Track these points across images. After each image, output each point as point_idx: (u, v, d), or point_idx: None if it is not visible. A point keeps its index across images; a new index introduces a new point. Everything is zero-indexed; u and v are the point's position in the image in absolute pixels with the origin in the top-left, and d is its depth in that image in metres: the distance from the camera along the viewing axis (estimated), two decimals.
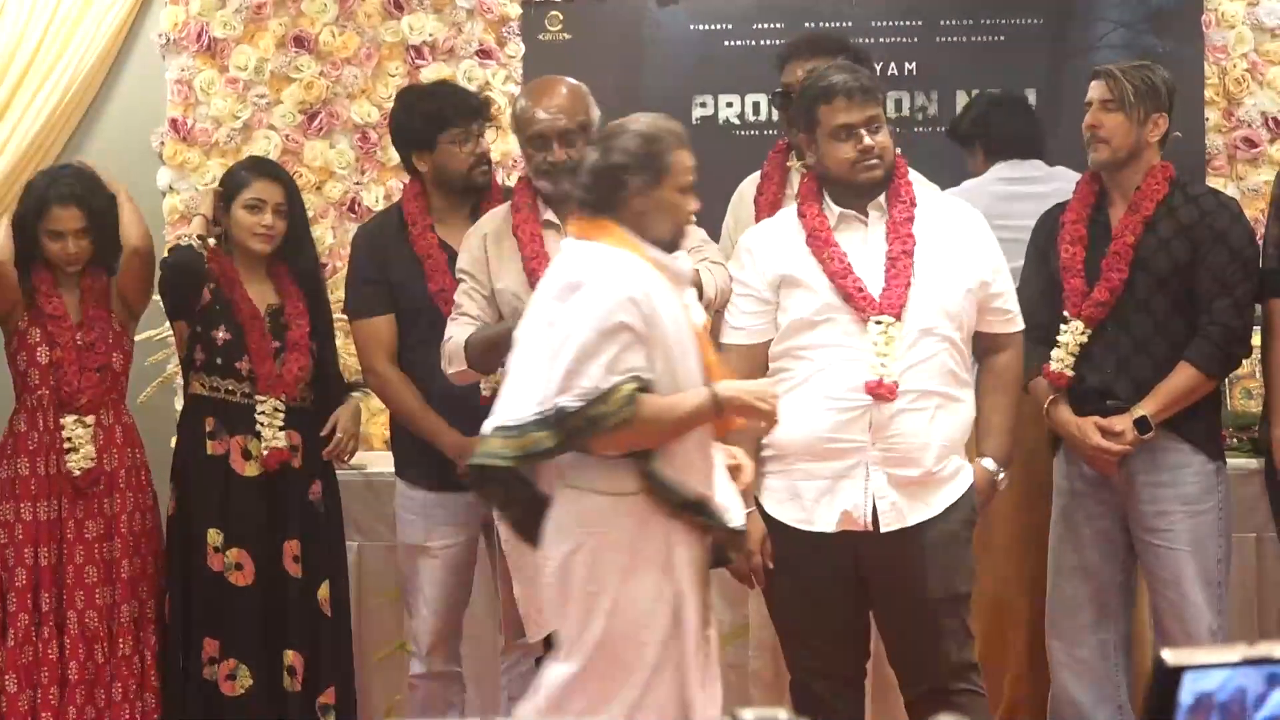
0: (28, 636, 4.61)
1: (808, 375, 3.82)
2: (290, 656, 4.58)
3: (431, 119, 4.50)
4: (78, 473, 4.62)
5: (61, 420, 4.63)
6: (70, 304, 4.70)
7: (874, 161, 3.83)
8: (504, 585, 4.20)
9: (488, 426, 3.46)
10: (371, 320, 4.52)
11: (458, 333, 4.12)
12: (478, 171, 4.52)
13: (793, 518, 3.84)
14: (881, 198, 3.89)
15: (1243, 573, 4.81)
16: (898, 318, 3.77)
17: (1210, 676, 1.55)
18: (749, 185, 4.48)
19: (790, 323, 3.86)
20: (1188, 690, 1.53)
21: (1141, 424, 4.21)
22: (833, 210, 3.89)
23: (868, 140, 3.81)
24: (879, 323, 3.77)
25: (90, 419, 4.65)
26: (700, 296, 4.03)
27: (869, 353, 3.77)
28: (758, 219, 4.31)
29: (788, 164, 4.41)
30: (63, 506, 4.64)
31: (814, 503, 3.81)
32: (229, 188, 4.63)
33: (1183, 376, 4.24)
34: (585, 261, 3.43)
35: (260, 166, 4.76)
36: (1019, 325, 4.01)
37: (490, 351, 4.07)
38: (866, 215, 3.89)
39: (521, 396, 3.40)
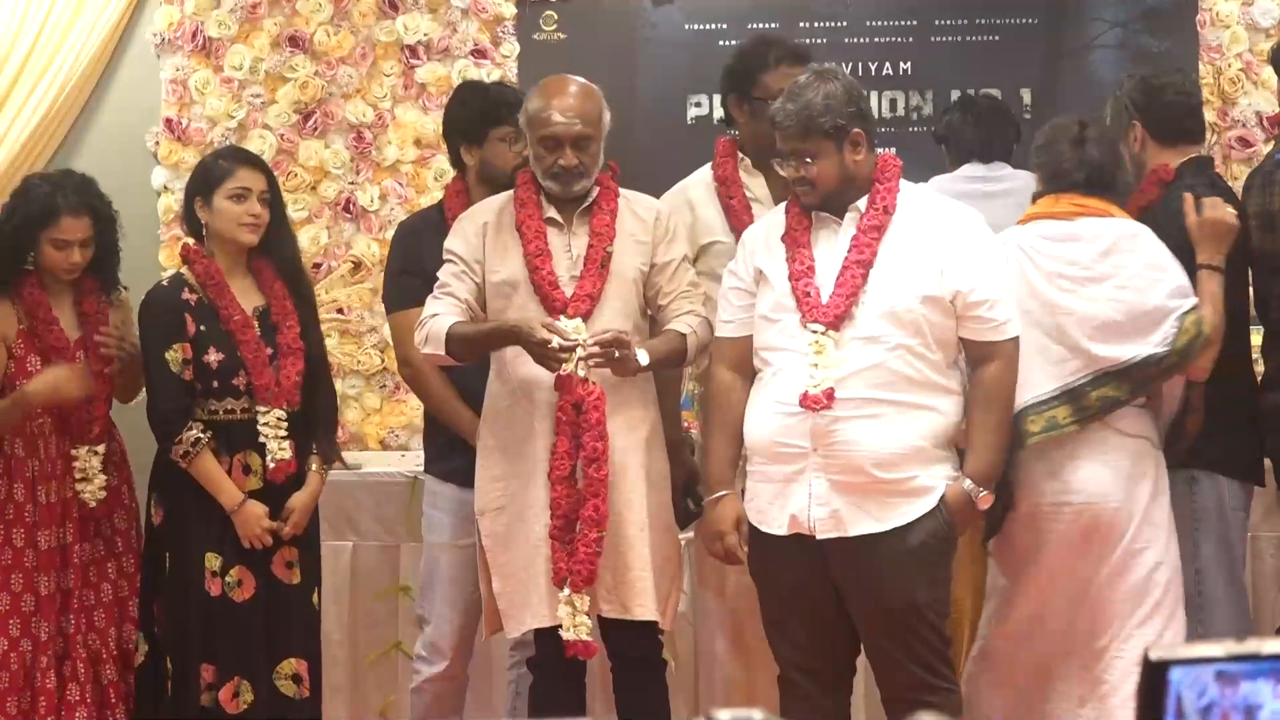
0: (5, 661, 4.47)
1: (765, 377, 3.88)
2: (294, 664, 4.40)
3: (485, 114, 4.52)
4: (94, 504, 4.51)
5: (73, 452, 4.50)
6: (68, 323, 4.54)
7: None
8: (484, 581, 4.21)
9: None
10: (408, 312, 4.43)
11: (443, 312, 4.05)
12: (520, 171, 4.52)
13: (755, 518, 3.90)
14: (861, 202, 3.89)
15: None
16: (833, 327, 3.78)
17: (1196, 671, 1.55)
18: (701, 190, 4.41)
19: (756, 319, 3.91)
20: (1174, 685, 1.54)
21: None
22: (814, 212, 3.91)
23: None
24: (812, 331, 3.79)
25: (102, 448, 4.53)
26: (684, 362, 4.13)
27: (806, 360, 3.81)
28: (735, 224, 4.30)
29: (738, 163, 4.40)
30: (68, 533, 4.50)
31: (768, 504, 3.86)
32: (208, 180, 4.41)
33: None
34: None
35: (240, 155, 4.60)
36: (1007, 334, 3.90)
37: (474, 346, 4.05)
38: (842, 219, 3.90)
39: None
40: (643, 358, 3.97)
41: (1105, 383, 4.02)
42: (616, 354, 3.91)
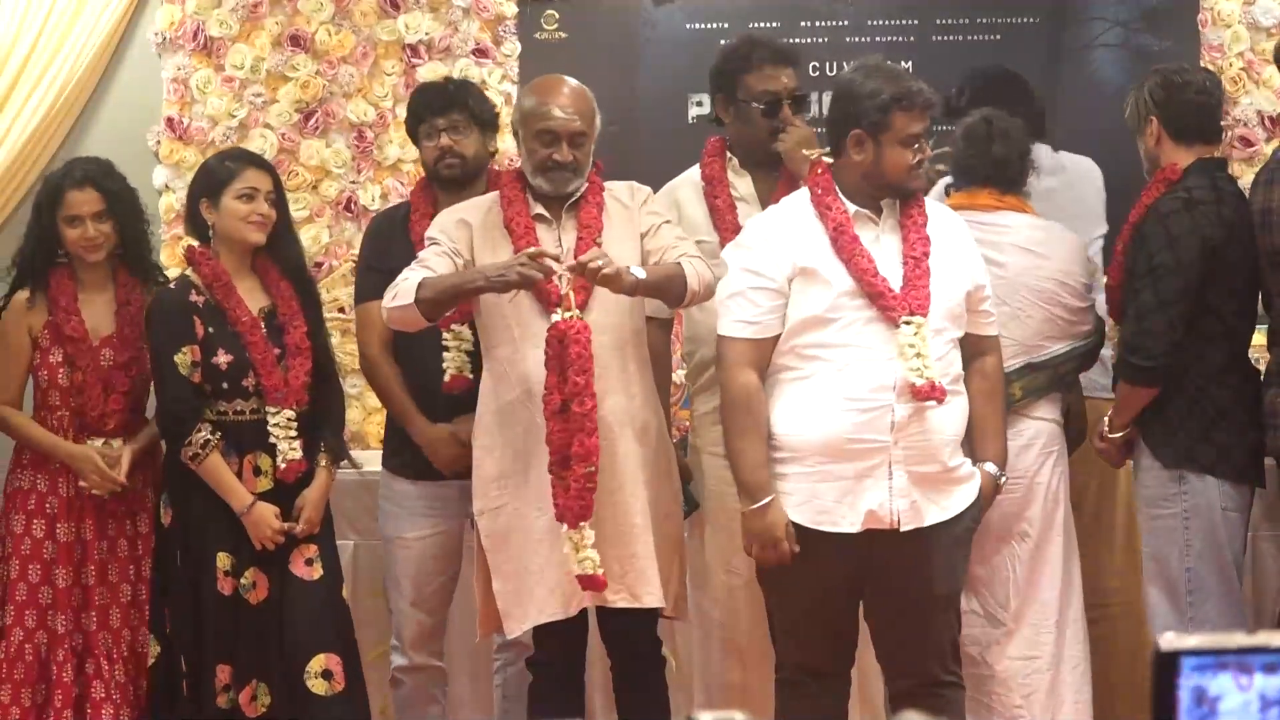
0: (20, 652, 4.51)
1: (822, 374, 3.82)
2: (323, 660, 4.37)
3: (412, 114, 4.67)
4: (105, 495, 4.52)
5: (89, 444, 4.52)
6: (103, 317, 4.57)
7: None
8: (479, 581, 4.20)
9: None
10: (370, 304, 4.47)
11: (413, 276, 4.03)
12: (442, 165, 4.55)
13: (811, 519, 3.83)
14: (893, 199, 3.92)
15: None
16: (925, 317, 3.81)
17: (1207, 661, 1.55)
18: (688, 189, 4.44)
19: (801, 319, 3.84)
20: (1186, 675, 1.54)
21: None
22: (848, 207, 3.90)
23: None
24: (909, 323, 3.78)
25: (118, 442, 4.54)
26: (685, 293, 4.03)
27: (896, 353, 3.78)
28: (719, 223, 4.32)
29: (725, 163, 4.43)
30: (85, 528, 4.52)
31: (836, 503, 3.82)
32: (215, 180, 4.43)
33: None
34: None
35: (246, 156, 4.63)
36: (996, 329, 4.09)
37: (445, 293, 3.99)
38: (879, 214, 3.90)
39: None
40: (638, 272, 3.91)
41: (1026, 374, 4.35)
42: (603, 271, 3.83)
